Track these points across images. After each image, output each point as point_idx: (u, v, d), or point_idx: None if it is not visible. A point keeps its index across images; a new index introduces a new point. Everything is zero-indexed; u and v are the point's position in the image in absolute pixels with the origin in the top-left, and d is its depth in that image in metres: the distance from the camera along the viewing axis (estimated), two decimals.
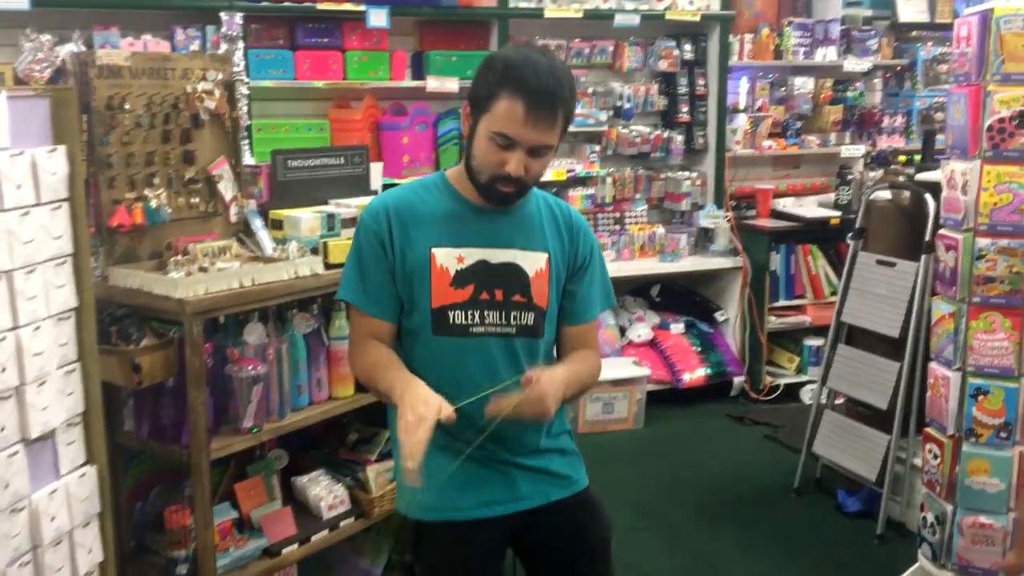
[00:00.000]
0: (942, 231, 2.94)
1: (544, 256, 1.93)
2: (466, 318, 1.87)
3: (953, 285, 2.89)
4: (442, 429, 1.74)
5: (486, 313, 1.88)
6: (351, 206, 2.74)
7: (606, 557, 2.05)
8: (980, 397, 2.86)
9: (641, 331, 5.06)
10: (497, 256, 1.89)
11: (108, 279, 2.37)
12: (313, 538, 2.64)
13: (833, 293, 5.19)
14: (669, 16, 4.96)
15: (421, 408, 1.69)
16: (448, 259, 1.86)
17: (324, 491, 2.73)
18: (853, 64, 5.43)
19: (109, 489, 2.19)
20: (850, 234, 3.95)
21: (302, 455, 2.90)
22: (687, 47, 5.14)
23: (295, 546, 2.60)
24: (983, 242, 2.79)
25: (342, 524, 2.71)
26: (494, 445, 1.89)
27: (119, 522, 2.41)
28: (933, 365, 3.02)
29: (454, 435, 1.84)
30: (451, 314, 1.86)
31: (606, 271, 2.06)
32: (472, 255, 1.87)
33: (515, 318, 1.90)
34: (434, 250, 1.86)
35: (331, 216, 2.65)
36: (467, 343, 1.87)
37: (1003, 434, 2.85)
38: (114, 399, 2.39)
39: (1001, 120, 2.71)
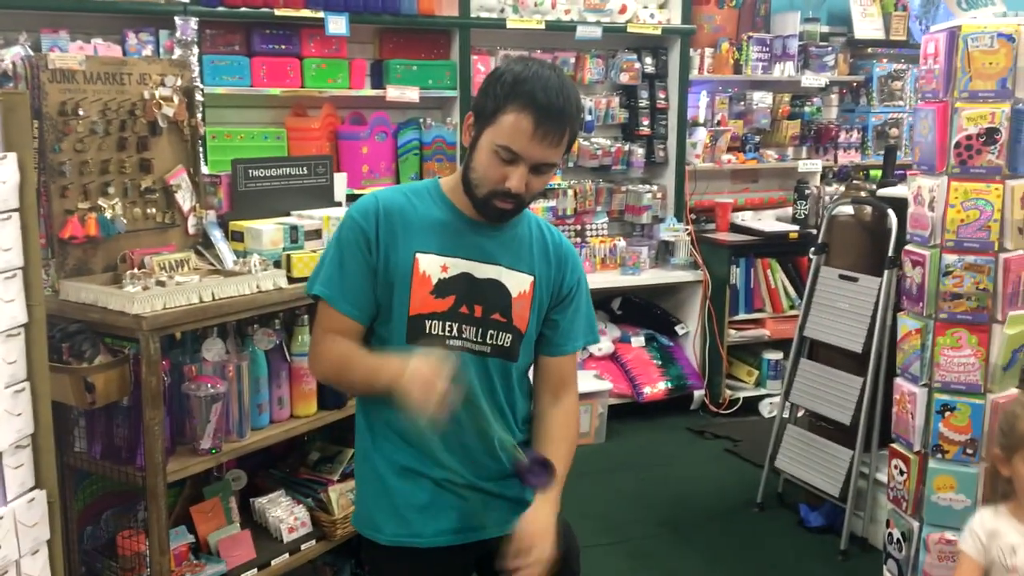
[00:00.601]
0: (908, 247, 2.95)
1: (529, 279, 1.88)
2: (444, 329, 1.81)
3: (920, 301, 2.90)
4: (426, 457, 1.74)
5: (464, 327, 1.82)
6: (314, 217, 2.65)
7: None
8: (947, 413, 2.87)
9: (602, 345, 5.02)
10: (482, 271, 1.83)
11: (59, 293, 2.26)
12: (273, 562, 2.54)
13: (792, 307, 5.23)
14: (631, 29, 4.95)
15: (428, 368, 1.65)
16: (432, 266, 1.80)
17: (284, 513, 2.63)
18: (810, 80, 5.47)
19: (59, 514, 2.08)
20: (812, 248, 3.95)
21: (261, 474, 2.80)
22: (648, 60, 5.13)
23: (254, 571, 2.50)
24: (950, 258, 2.80)
25: (303, 547, 2.62)
26: (460, 468, 1.83)
27: (68, 548, 2.29)
28: (899, 381, 3.02)
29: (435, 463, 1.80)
30: (428, 323, 1.80)
31: (591, 306, 2.01)
32: (457, 266, 1.81)
33: (491, 337, 1.84)
34: (419, 255, 1.80)
35: (294, 228, 2.56)
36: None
37: (969, 450, 2.85)
38: (63, 418, 2.27)
39: (968, 137, 2.73)
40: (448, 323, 1.81)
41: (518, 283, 1.86)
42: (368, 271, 1.80)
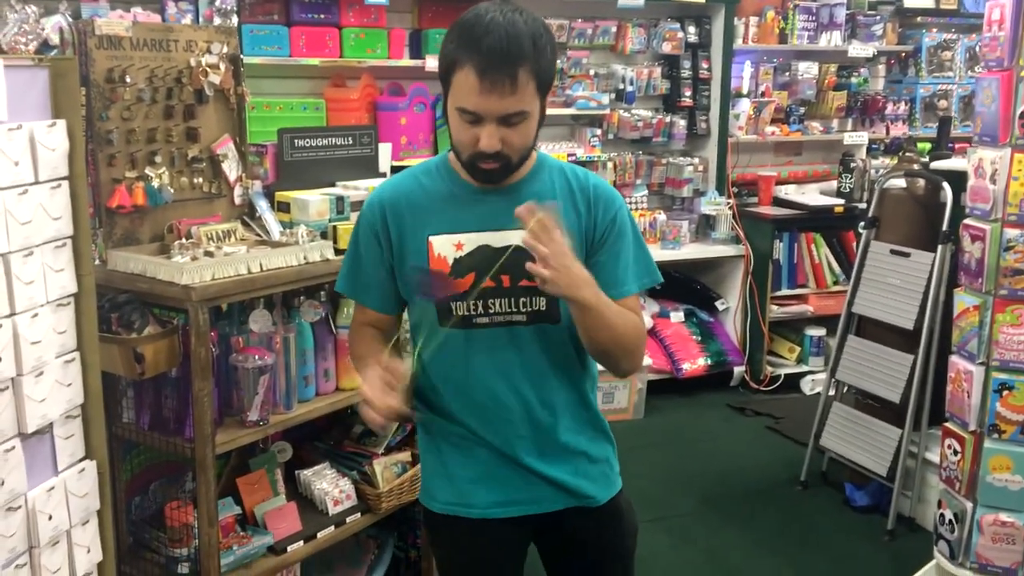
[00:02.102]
0: (968, 221, 2.86)
1: None
2: (469, 308, 1.73)
3: (979, 277, 2.81)
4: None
5: (490, 302, 1.73)
6: (360, 188, 2.62)
7: (627, 565, 1.96)
8: (1004, 392, 2.79)
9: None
10: (501, 239, 1.72)
11: (107, 263, 2.24)
12: (319, 535, 2.53)
13: (836, 282, 5.14)
14: None
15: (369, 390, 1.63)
16: (445, 247, 1.73)
17: (330, 485, 2.62)
18: (858, 49, 5.34)
19: (109, 485, 2.07)
20: (862, 223, 3.86)
21: (305, 447, 2.78)
22: (691, 29, 5.03)
23: (300, 543, 2.49)
24: (1012, 233, 2.71)
25: (348, 520, 2.60)
26: (517, 441, 1.78)
27: (116, 518, 2.29)
28: (955, 359, 2.94)
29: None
30: (454, 305, 1.74)
31: (642, 243, 1.84)
32: (472, 240, 1.73)
33: (524, 304, 1.74)
34: (431, 239, 1.73)
35: (340, 199, 2.52)
36: (472, 335, 1.75)
37: None
38: (111, 388, 2.26)
39: None
40: (472, 301, 1.73)
41: None
42: (381, 264, 1.79)
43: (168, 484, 2.47)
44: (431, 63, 4.39)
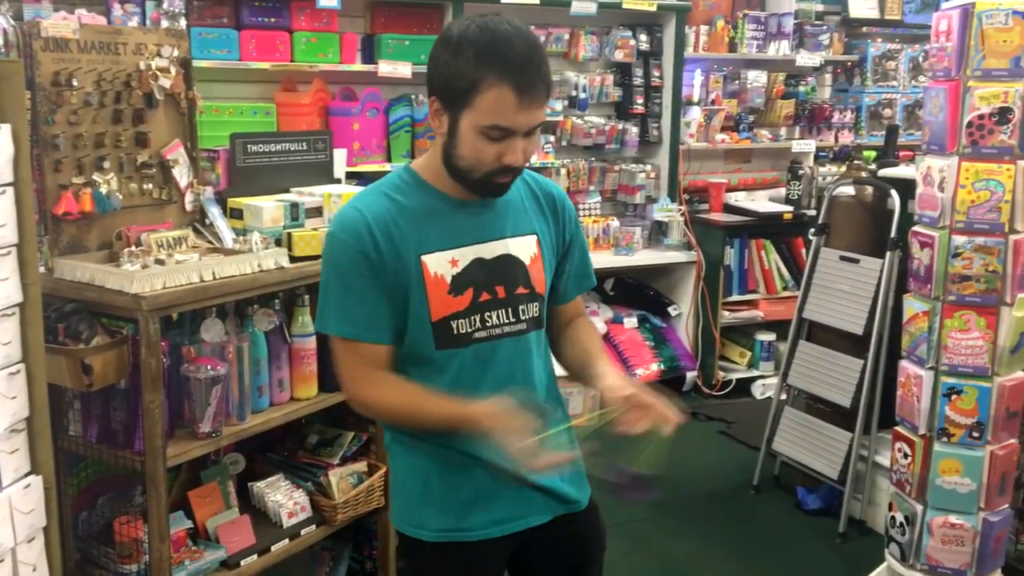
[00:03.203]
0: (917, 228, 2.91)
1: (533, 238, 1.78)
2: (469, 326, 1.70)
3: (928, 283, 2.86)
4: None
5: (487, 316, 1.71)
6: (315, 195, 2.58)
7: (600, 567, 1.98)
8: (953, 396, 2.84)
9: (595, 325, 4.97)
10: (490, 250, 1.72)
11: (54, 271, 2.17)
12: (273, 547, 2.48)
13: (785, 288, 5.20)
14: (626, 5, 4.87)
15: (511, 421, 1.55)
16: (441, 265, 1.68)
17: (284, 497, 2.57)
18: (805, 59, 5.43)
19: (56, 500, 2.01)
20: (812, 229, 3.92)
21: (258, 459, 2.73)
22: (643, 37, 5.07)
23: (254, 557, 2.44)
24: (959, 240, 2.76)
25: (303, 532, 2.56)
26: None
27: (63, 534, 2.22)
28: (904, 363, 2.99)
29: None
30: (454, 324, 1.69)
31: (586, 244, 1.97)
32: (466, 255, 1.70)
33: (523, 312, 1.75)
34: (424, 258, 1.66)
35: (295, 205, 2.48)
36: (469, 352, 1.70)
37: (975, 434, 2.83)
38: (57, 401, 2.19)
39: (981, 116, 2.68)
40: (472, 317, 1.70)
41: (527, 247, 1.77)
42: (380, 292, 1.65)
43: (116, 498, 2.40)
44: (384, 68, 4.36)
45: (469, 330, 1.70)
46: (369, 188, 1.75)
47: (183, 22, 3.92)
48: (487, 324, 1.71)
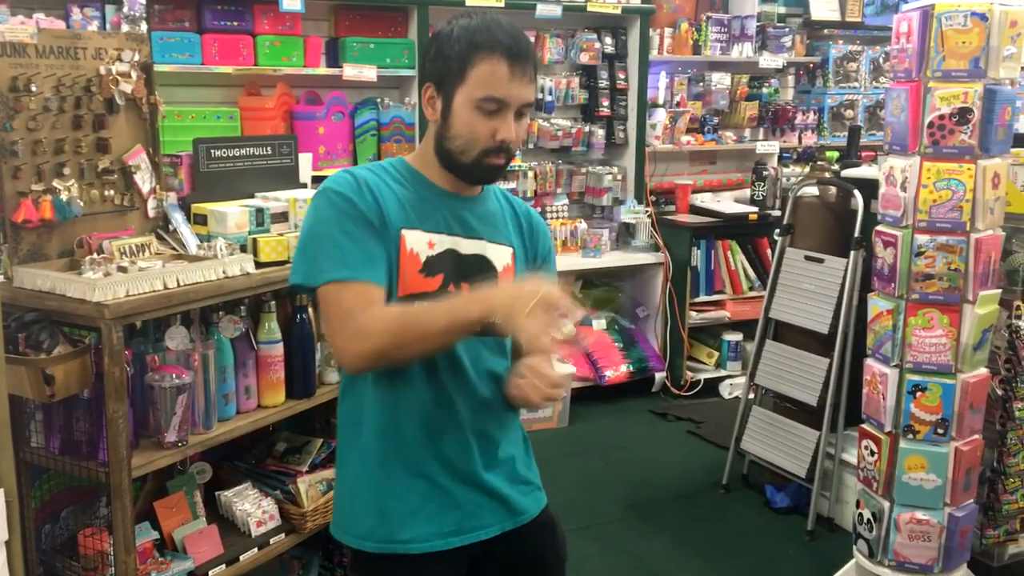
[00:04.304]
0: (880, 227, 2.94)
1: (509, 251, 1.81)
2: None
3: (892, 282, 2.89)
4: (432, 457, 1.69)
5: None
6: (280, 199, 2.55)
7: (564, 573, 1.96)
8: (918, 393, 2.87)
9: (564, 328, 4.96)
10: (467, 247, 1.75)
11: (13, 280, 2.13)
12: (242, 557, 2.45)
13: (751, 288, 5.24)
14: (590, 8, 4.89)
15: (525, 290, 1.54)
16: (419, 243, 1.70)
17: (252, 506, 2.54)
18: (768, 61, 5.47)
19: (19, 513, 1.96)
20: (778, 230, 3.95)
21: (226, 467, 2.70)
22: (608, 40, 5.08)
23: (222, 567, 2.40)
24: (922, 239, 2.80)
25: (272, 541, 2.53)
26: (455, 458, 1.75)
27: (26, 548, 2.17)
28: (870, 362, 3.02)
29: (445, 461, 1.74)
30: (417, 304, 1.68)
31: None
32: (442, 242, 1.72)
33: None
34: (404, 232, 1.69)
35: (260, 211, 2.46)
36: None
37: (940, 430, 2.86)
38: (18, 411, 2.15)
39: (941, 117, 2.72)
40: None
41: (502, 256, 1.79)
42: (376, 238, 1.65)
43: (81, 510, 2.36)
44: (349, 72, 4.34)
45: None
46: (364, 165, 1.80)
47: (144, 26, 3.86)
48: None
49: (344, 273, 1.62)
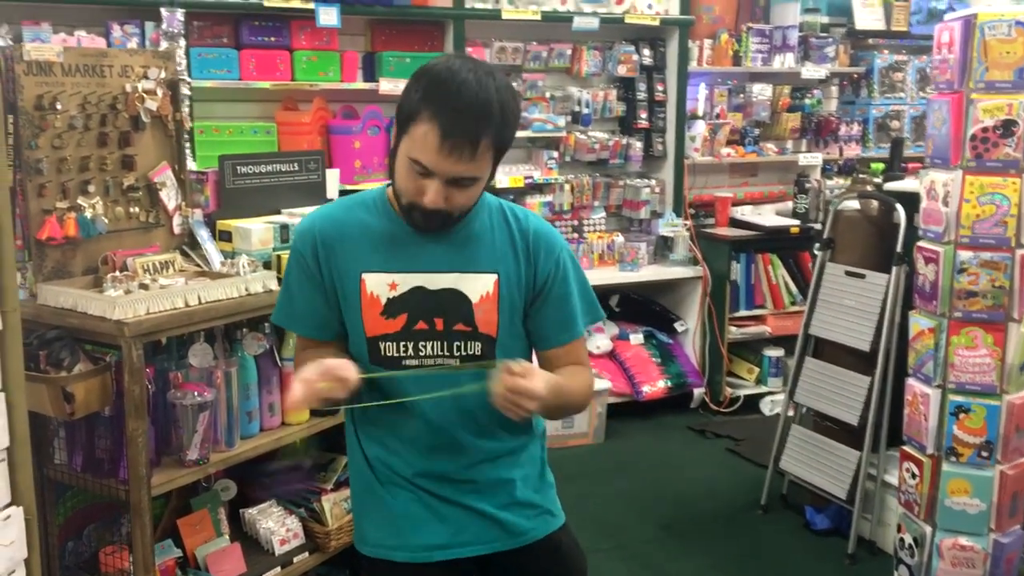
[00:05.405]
0: (921, 243, 2.86)
1: (492, 278, 1.72)
2: (398, 350, 1.71)
3: (933, 299, 2.80)
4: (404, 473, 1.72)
5: (422, 345, 1.71)
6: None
7: None
8: (961, 415, 2.78)
9: (600, 342, 4.92)
10: (437, 282, 1.71)
11: (37, 297, 2.14)
12: None
13: (793, 303, 5.14)
14: (628, 20, 4.84)
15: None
16: (379, 286, 1.70)
17: (276, 524, 2.53)
18: (811, 71, 5.37)
19: (37, 531, 1.97)
20: (817, 244, 3.86)
21: (251, 483, 2.69)
22: (646, 52, 5.03)
23: None
24: (965, 255, 2.71)
25: (296, 560, 2.51)
26: (435, 485, 1.76)
27: (48, 564, 2.18)
28: (911, 382, 2.93)
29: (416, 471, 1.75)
30: (382, 345, 1.71)
31: (585, 281, 1.84)
32: (407, 281, 1.70)
33: (459, 348, 1.73)
34: (364, 275, 1.70)
35: (284, 227, 2.45)
36: (402, 377, 1.70)
37: (984, 453, 2.76)
38: (43, 428, 2.16)
39: (984, 129, 2.63)
40: (403, 343, 1.70)
41: (480, 286, 1.72)
42: (317, 291, 1.74)
43: (103, 527, 2.37)
44: (385, 86, 4.34)
45: (398, 354, 1.71)
46: (344, 199, 1.83)
47: (182, 42, 3.90)
48: (420, 353, 1.72)
49: (282, 320, 1.81)
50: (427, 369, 1.70)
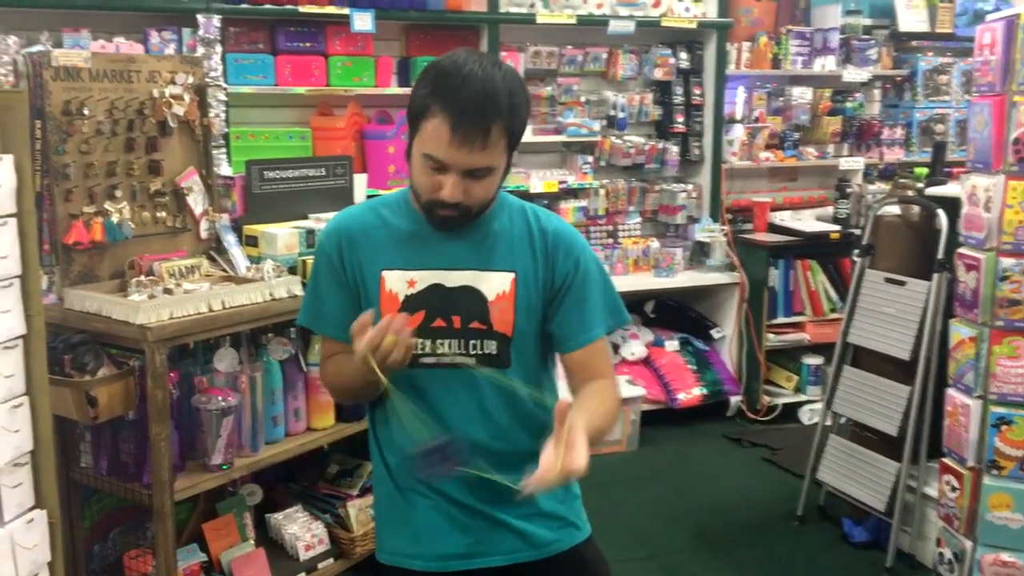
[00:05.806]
0: (962, 250, 2.78)
1: (510, 276, 1.71)
2: (415, 347, 1.68)
3: (974, 308, 2.72)
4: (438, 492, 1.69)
5: (439, 342, 1.70)
6: None
7: None
8: (1003, 427, 2.70)
9: (635, 348, 4.87)
10: (454, 279, 1.71)
11: (64, 301, 2.16)
12: None
13: (833, 310, 5.04)
14: (665, 23, 4.79)
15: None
16: (398, 283, 1.70)
17: (301, 529, 2.52)
18: (852, 74, 5.27)
19: (61, 535, 1.98)
20: (857, 250, 3.77)
21: (277, 488, 2.69)
22: (683, 55, 4.97)
23: None
24: (1007, 262, 2.63)
25: (320, 566, 2.51)
26: (456, 491, 1.73)
27: (75, 567, 2.20)
28: (951, 392, 2.85)
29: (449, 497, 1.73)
30: None
31: (609, 285, 1.81)
32: (425, 279, 1.70)
33: (474, 347, 1.71)
34: (384, 273, 1.71)
35: (310, 232, 2.45)
36: (420, 374, 1.70)
37: None
38: (69, 432, 2.18)
39: None
40: (421, 340, 1.69)
41: (497, 284, 1.71)
42: (343, 292, 1.75)
43: (129, 531, 2.38)
44: None
45: (416, 351, 1.68)
46: (370, 200, 1.85)
47: (219, 48, 3.94)
48: (437, 351, 1.71)
49: (309, 321, 1.80)
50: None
